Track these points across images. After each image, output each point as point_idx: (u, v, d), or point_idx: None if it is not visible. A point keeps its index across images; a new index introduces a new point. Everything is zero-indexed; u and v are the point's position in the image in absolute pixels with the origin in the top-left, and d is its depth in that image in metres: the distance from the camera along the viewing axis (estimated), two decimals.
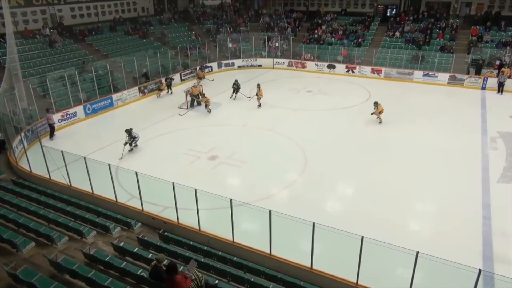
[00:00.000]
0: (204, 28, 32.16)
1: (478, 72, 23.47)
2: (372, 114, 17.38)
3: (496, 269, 8.54)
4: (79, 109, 18.70)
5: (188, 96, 19.99)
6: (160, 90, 22.74)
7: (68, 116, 18.05)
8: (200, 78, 23.04)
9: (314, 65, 27.92)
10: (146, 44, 26.95)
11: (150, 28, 28.92)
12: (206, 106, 18.97)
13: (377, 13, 31.47)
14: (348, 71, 26.73)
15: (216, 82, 25.36)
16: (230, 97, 21.50)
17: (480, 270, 6.28)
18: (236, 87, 21.58)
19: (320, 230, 7.63)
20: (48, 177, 12.15)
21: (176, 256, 8.29)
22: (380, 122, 17.36)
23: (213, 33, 31.17)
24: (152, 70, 23.58)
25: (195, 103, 20.22)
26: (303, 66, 28.30)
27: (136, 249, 8.40)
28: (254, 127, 17.36)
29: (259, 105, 19.95)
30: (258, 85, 20.09)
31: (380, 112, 17.31)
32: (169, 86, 22.90)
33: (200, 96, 20.10)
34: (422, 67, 24.89)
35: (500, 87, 21.78)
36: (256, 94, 20.03)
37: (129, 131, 14.80)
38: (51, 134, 16.52)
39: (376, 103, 17.36)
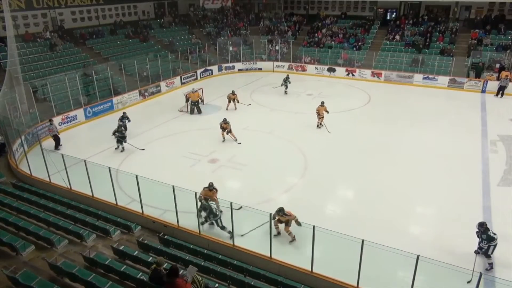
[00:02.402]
0: (204, 32, 32.24)
1: (478, 75, 23.49)
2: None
3: (497, 273, 8.51)
4: (79, 112, 18.71)
5: (189, 101, 19.96)
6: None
7: (68, 119, 18.06)
8: (231, 101, 20.08)
9: (314, 68, 27.96)
10: (146, 47, 27.01)
11: (151, 32, 29.00)
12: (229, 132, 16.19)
13: (377, 17, 31.54)
14: (348, 74, 26.77)
15: (216, 85, 25.39)
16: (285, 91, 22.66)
17: (481, 274, 6.27)
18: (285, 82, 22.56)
19: (321, 233, 7.61)
20: (48, 180, 12.14)
21: (176, 259, 8.27)
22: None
23: (213, 37, 31.24)
24: (152, 74, 23.64)
25: (196, 110, 19.92)
26: (303, 70, 28.36)
27: (136, 252, 8.39)
28: (254, 130, 17.36)
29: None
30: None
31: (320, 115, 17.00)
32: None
33: (201, 102, 20.09)
34: (422, 70, 24.92)
35: (500, 91, 21.76)
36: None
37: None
38: (57, 145, 15.65)
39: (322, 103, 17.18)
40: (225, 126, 15.96)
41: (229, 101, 20.09)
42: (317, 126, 17.33)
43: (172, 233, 9.85)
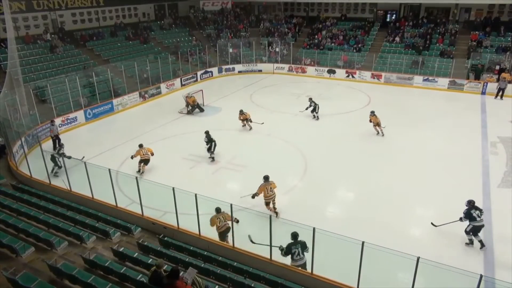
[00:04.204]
0: (204, 33, 32.30)
1: (478, 77, 23.52)
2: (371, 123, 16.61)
3: (497, 274, 8.49)
4: (79, 114, 18.73)
5: (188, 103, 20.07)
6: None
7: (68, 121, 18.08)
8: (244, 120, 17.76)
9: (314, 70, 28.00)
10: (146, 49, 27.05)
11: (151, 34, 29.05)
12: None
13: (377, 19, 31.60)
14: (348, 76, 26.80)
15: (216, 87, 25.43)
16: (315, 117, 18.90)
17: (481, 276, 6.26)
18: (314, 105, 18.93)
19: (321, 235, 7.60)
20: (48, 182, 12.14)
21: (176, 261, 8.26)
22: (382, 134, 16.56)
23: (213, 38, 31.30)
24: (152, 75, 23.67)
25: (197, 110, 20.22)
26: (303, 71, 28.39)
27: (136, 254, 8.37)
28: (254, 131, 17.37)
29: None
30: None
31: (378, 124, 16.51)
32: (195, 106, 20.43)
33: (199, 105, 20.24)
34: (422, 72, 24.96)
35: (500, 92, 21.77)
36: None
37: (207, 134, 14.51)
38: (55, 146, 15.50)
39: (372, 112, 16.57)
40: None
41: (243, 123, 17.75)
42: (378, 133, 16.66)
43: (172, 235, 9.84)
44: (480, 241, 9.40)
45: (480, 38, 25.59)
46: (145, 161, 13.47)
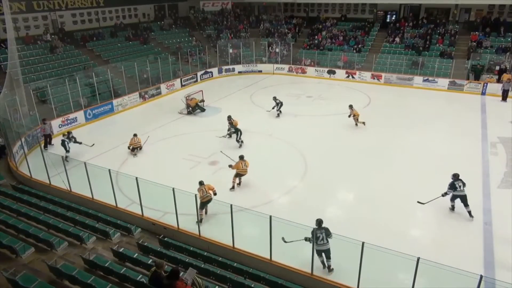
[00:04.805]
0: (204, 34, 32.31)
1: (478, 78, 23.52)
2: (348, 116, 17.76)
3: (497, 275, 8.49)
4: (79, 114, 18.72)
5: (187, 103, 20.08)
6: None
7: (68, 121, 18.07)
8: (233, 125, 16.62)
9: (314, 71, 27.99)
10: (146, 49, 27.06)
11: (151, 34, 29.06)
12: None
13: (377, 19, 31.60)
14: (348, 76, 26.80)
15: (216, 87, 25.42)
16: (277, 114, 19.29)
17: (481, 276, 6.26)
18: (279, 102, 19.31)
19: None
20: (48, 182, 12.14)
21: (176, 261, 8.26)
22: (361, 124, 17.66)
23: (213, 39, 31.31)
24: (152, 76, 23.68)
25: (198, 110, 20.32)
26: (303, 72, 28.38)
27: (136, 254, 8.38)
28: (254, 132, 17.35)
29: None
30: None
31: (356, 116, 17.57)
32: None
33: (198, 105, 20.26)
34: (422, 72, 24.96)
35: (504, 94, 21.35)
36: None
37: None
38: (46, 144, 15.80)
39: (351, 106, 17.75)
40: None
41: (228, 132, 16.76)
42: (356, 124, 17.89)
43: (172, 235, 9.84)
44: (469, 212, 10.69)
45: (480, 39, 25.59)
46: (138, 148, 15.39)
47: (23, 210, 10.30)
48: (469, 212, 10.69)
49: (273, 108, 19.41)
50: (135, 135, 15.58)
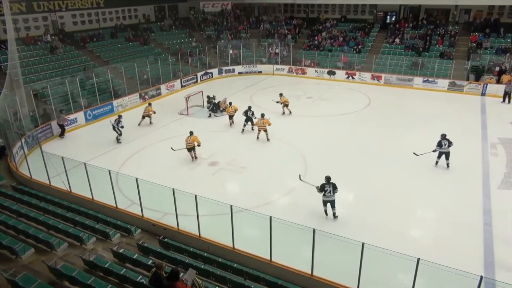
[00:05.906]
0: (204, 35, 32.34)
1: (477, 78, 23.53)
2: (277, 102, 19.38)
3: (497, 276, 8.49)
4: (79, 115, 18.73)
5: (190, 102, 20.09)
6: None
7: (68, 122, 18.06)
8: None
9: (314, 72, 28.01)
10: (147, 50, 27.08)
11: (151, 35, 29.08)
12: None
13: (376, 20, 31.63)
14: (348, 77, 26.81)
15: (216, 88, 25.41)
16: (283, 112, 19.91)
17: (481, 277, 6.25)
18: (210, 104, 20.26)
19: (321, 237, 7.61)
20: (48, 183, 12.14)
21: (176, 262, 8.25)
22: (289, 113, 19.50)
23: (213, 40, 31.34)
24: (153, 76, 23.69)
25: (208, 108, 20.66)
26: (303, 73, 28.40)
27: (136, 255, 8.37)
28: (254, 133, 17.35)
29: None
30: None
31: (285, 104, 19.14)
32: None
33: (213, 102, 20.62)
34: (422, 73, 24.98)
35: (506, 96, 21.24)
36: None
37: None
38: (63, 133, 17.37)
39: (281, 94, 19.36)
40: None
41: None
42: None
43: (172, 236, 9.84)
44: (447, 164, 13.40)
45: (480, 40, 25.61)
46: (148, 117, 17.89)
47: (23, 211, 10.30)
48: (447, 164, 13.26)
49: (277, 102, 19.91)
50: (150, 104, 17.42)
